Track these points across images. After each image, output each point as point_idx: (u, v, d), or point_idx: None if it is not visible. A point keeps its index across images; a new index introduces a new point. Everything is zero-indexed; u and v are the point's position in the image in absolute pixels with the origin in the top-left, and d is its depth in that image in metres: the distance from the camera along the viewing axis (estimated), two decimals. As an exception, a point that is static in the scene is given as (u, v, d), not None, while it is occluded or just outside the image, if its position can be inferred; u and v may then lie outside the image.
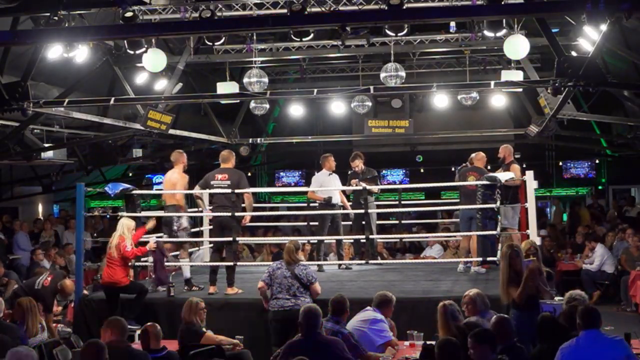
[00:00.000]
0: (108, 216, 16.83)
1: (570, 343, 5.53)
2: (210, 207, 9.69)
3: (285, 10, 9.54)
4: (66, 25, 8.43)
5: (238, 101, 14.77)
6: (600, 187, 21.96)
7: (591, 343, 5.44)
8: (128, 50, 9.93)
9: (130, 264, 9.26)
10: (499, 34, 9.82)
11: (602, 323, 5.68)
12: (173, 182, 9.73)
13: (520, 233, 9.96)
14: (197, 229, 11.63)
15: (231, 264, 9.28)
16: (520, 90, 12.97)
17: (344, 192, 10.97)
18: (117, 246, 8.91)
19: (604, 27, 8.20)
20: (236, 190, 9.29)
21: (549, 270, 7.79)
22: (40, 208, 19.71)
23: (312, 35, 10.70)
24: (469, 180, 10.16)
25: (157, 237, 9.62)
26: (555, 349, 5.61)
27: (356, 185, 10.54)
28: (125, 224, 9.10)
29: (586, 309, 5.72)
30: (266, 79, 11.88)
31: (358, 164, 11.00)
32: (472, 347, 5.30)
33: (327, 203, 10.46)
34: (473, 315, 6.79)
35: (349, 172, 11.11)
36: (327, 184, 10.56)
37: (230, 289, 9.10)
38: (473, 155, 10.71)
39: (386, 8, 8.01)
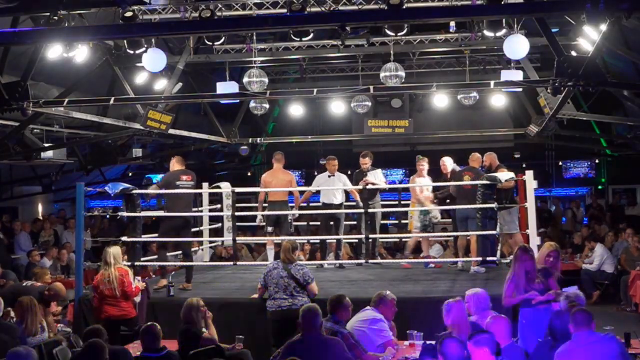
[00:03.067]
0: (108, 216, 16.82)
1: (564, 347, 5.54)
2: None
3: (285, 10, 9.55)
4: (66, 25, 8.41)
5: (238, 101, 14.76)
6: (600, 187, 21.97)
7: (584, 343, 5.46)
8: (128, 50, 9.94)
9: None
10: (499, 34, 9.82)
11: (595, 323, 5.65)
12: (290, 180, 10.46)
13: (521, 233, 9.98)
14: (197, 229, 11.62)
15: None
16: (520, 90, 12.96)
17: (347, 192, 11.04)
18: (120, 281, 8.28)
19: (604, 27, 8.20)
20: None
21: (560, 275, 7.75)
22: (40, 208, 19.70)
23: (312, 35, 10.70)
24: (464, 180, 10.23)
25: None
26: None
27: (365, 184, 10.49)
28: (116, 254, 8.50)
29: (577, 311, 5.73)
30: (266, 79, 11.88)
31: (368, 162, 10.99)
32: (470, 350, 5.29)
33: (324, 204, 10.69)
34: (473, 314, 6.80)
35: (356, 171, 11.10)
36: (325, 186, 10.67)
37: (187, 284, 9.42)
38: (448, 162, 10.77)
39: (386, 8, 7.99)
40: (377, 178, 10.88)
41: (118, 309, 8.35)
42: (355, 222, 11.41)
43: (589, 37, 9.79)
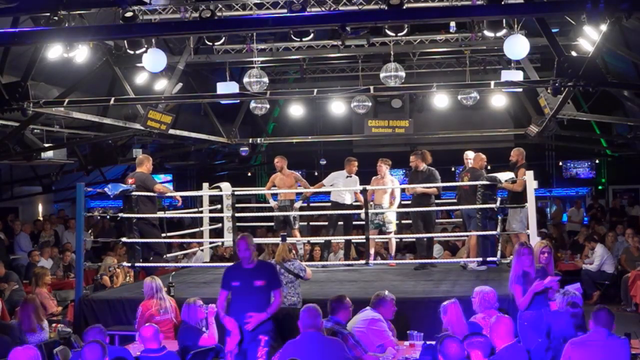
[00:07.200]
0: (108, 217, 16.81)
1: (580, 338, 5.70)
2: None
3: (285, 10, 9.55)
4: (66, 25, 8.42)
5: (238, 101, 14.77)
6: (600, 187, 21.98)
7: (599, 340, 5.58)
8: (128, 50, 9.94)
9: None
10: (499, 34, 9.82)
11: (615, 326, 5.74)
12: (294, 182, 11.07)
13: (524, 233, 9.98)
14: (197, 229, 11.63)
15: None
16: (520, 90, 12.96)
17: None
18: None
19: (604, 27, 8.21)
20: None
21: (559, 273, 7.75)
22: (40, 208, 19.71)
23: (312, 35, 10.71)
24: (464, 181, 10.41)
25: None
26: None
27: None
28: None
29: (601, 309, 5.80)
30: (266, 79, 11.87)
31: (416, 162, 10.69)
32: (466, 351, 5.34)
33: (334, 203, 10.84)
34: (479, 312, 6.81)
35: (409, 172, 11.07)
36: (341, 184, 10.81)
37: None
38: (470, 155, 10.73)
39: (386, 8, 8.00)
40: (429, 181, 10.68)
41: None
42: (359, 222, 11.40)
43: (589, 37, 9.79)
